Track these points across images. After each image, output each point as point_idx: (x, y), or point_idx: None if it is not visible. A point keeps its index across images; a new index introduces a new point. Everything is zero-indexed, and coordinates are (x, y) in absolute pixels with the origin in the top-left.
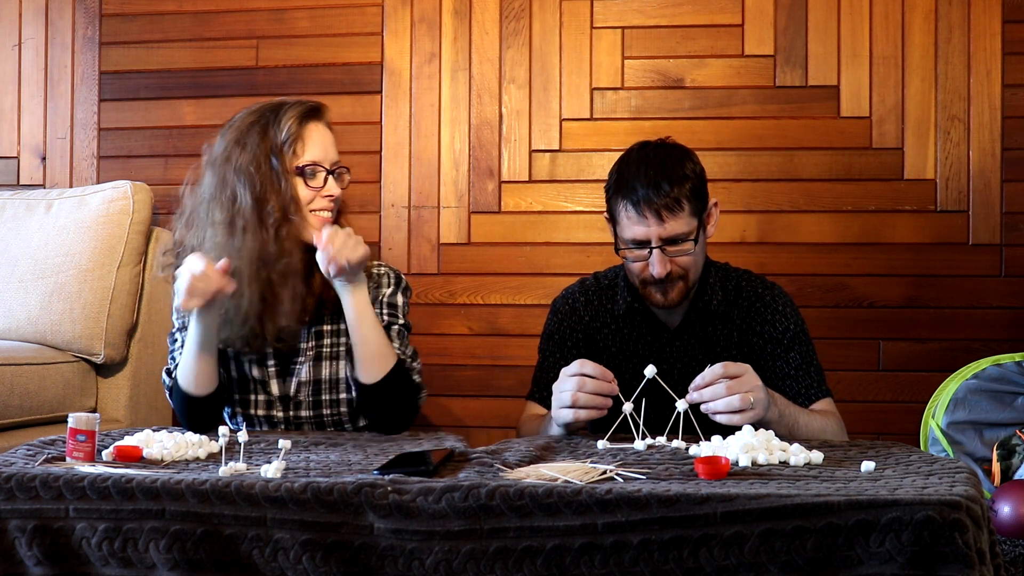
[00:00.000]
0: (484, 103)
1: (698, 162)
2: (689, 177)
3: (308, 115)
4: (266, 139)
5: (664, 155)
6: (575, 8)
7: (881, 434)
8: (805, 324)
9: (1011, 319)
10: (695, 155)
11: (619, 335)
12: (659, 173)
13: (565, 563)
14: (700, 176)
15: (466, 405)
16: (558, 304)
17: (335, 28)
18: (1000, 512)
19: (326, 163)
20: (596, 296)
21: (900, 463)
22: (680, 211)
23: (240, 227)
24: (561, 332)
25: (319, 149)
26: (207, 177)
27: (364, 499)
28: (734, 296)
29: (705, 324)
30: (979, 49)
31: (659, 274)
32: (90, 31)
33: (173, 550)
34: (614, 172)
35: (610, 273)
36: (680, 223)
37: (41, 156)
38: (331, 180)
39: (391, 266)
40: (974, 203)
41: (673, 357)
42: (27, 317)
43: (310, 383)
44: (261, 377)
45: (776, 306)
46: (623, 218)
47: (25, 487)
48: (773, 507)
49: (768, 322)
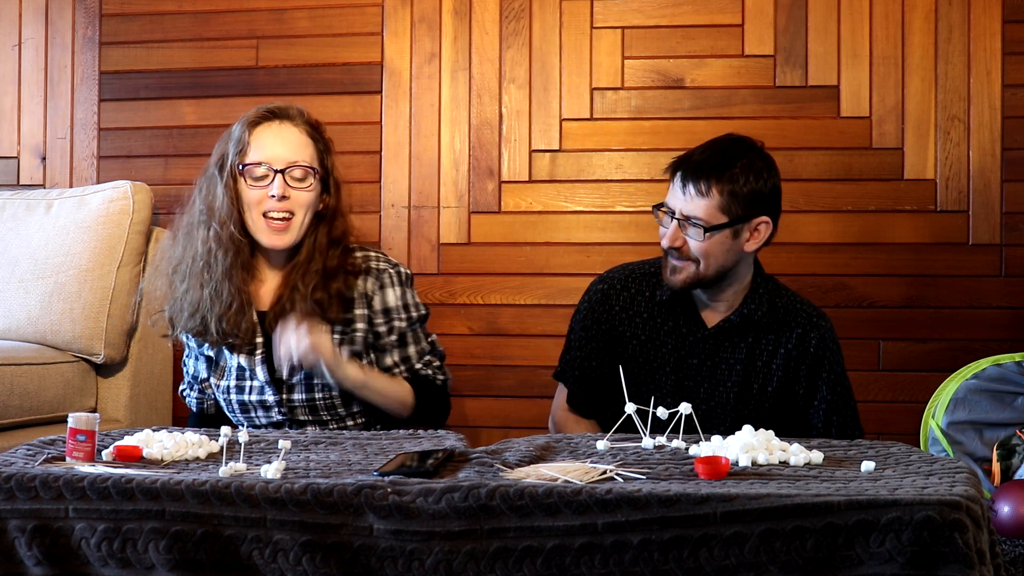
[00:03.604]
0: (484, 103)
1: (767, 178)
2: (738, 179)
3: (263, 118)
4: (221, 147)
5: (735, 150)
6: (575, 8)
7: (881, 434)
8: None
9: (1011, 319)
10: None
11: (652, 323)
12: (714, 157)
13: (565, 563)
14: (754, 171)
15: (466, 405)
16: (592, 291)
17: (335, 28)
18: (1000, 512)
19: (275, 163)
20: (636, 282)
21: (900, 463)
22: (706, 198)
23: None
24: (589, 319)
25: (265, 149)
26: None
27: (364, 500)
28: (782, 314)
29: (745, 332)
30: (979, 49)
31: (665, 244)
32: (90, 31)
33: (173, 551)
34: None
35: (657, 261)
36: (701, 206)
37: (41, 156)
38: (278, 179)
39: (388, 259)
40: (974, 203)
41: (703, 355)
42: (27, 317)
43: (300, 368)
44: (249, 365)
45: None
46: (671, 182)
47: (25, 487)
48: (773, 507)
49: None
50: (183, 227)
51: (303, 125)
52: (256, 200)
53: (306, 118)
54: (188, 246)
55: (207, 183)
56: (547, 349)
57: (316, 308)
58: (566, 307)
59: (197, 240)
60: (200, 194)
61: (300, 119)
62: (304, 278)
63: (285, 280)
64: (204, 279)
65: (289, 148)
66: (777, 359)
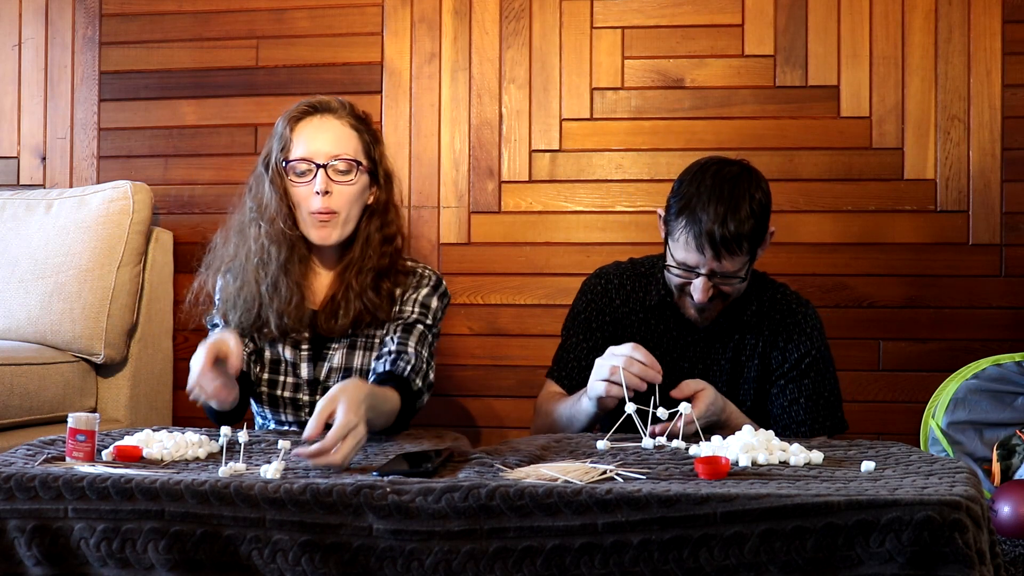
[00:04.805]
0: (484, 103)
1: (767, 191)
2: (755, 214)
3: (305, 113)
4: (267, 144)
5: (735, 188)
6: (575, 8)
7: (881, 434)
8: (828, 349)
9: (1011, 319)
10: (765, 183)
11: (646, 325)
12: (728, 210)
13: (565, 563)
14: (764, 210)
15: (466, 405)
16: (590, 284)
17: (335, 28)
18: (1000, 512)
19: (316, 157)
20: (630, 282)
21: (900, 463)
22: (739, 253)
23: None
24: (588, 313)
25: (306, 145)
26: None
27: (363, 500)
28: (768, 308)
29: (733, 330)
30: (979, 49)
31: (699, 300)
32: (90, 31)
33: (172, 551)
34: (683, 188)
35: (647, 262)
36: (736, 262)
37: (41, 156)
38: (320, 174)
39: (433, 269)
40: (974, 203)
41: (696, 356)
42: (27, 317)
43: (341, 370)
44: (293, 359)
45: (804, 328)
46: (680, 240)
47: (24, 487)
48: (773, 507)
49: (792, 341)
50: (235, 226)
51: (347, 117)
52: (302, 196)
53: (350, 110)
54: (241, 244)
55: (255, 181)
56: (547, 349)
57: (367, 308)
58: (566, 307)
59: (250, 238)
60: (249, 193)
61: (343, 111)
62: (358, 277)
63: (339, 277)
64: (260, 276)
65: (331, 141)
66: (766, 355)
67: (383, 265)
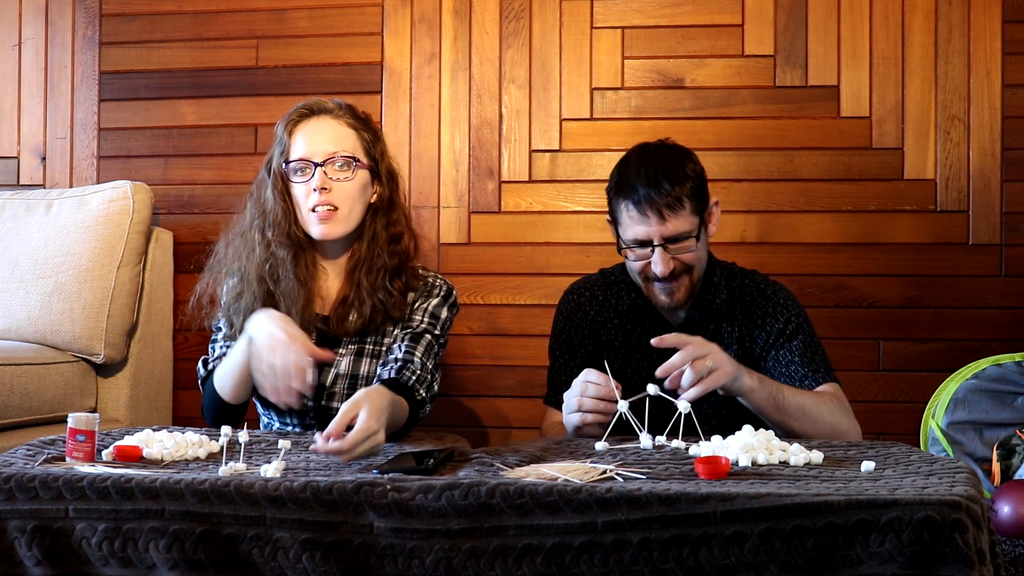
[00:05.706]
0: (484, 103)
1: (698, 162)
2: (689, 176)
3: (301, 116)
4: (269, 150)
5: (664, 155)
6: (575, 8)
7: (881, 434)
8: (808, 317)
9: (1011, 319)
10: (695, 155)
11: (623, 331)
12: (659, 172)
13: (565, 561)
14: (700, 176)
15: (466, 405)
16: (563, 303)
17: (335, 28)
18: (1000, 512)
19: (313, 156)
20: (601, 291)
21: (900, 463)
22: (681, 209)
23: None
24: (568, 331)
25: (304, 145)
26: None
27: (363, 498)
28: (738, 294)
29: (708, 322)
30: (979, 49)
31: (662, 272)
32: (90, 31)
33: (173, 550)
34: (615, 174)
35: (616, 269)
36: (682, 221)
37: (41, 156)
38: (318, 172)
39: (445, 279)
40: (974, 203)
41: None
42: (27, 317)
43: (347, 376)
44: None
45: (777, 299)
46: (625, 218)
47: (25, 487)
48: (773, 507)
49: (769, 315)
50: (237, 232)
51: (344, 117)
52: (303, 196)
53: (348, 110)
54: (245, 248)
55: (258, 187)
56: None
57: (380, 307)
58: None
59: (254, 242)
60: (252, 198)
61: (340, 111)
62: (368, 276)
63: (349, 278)
64: (265, 279)
65: (327, 140)
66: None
67: (393, 265)
